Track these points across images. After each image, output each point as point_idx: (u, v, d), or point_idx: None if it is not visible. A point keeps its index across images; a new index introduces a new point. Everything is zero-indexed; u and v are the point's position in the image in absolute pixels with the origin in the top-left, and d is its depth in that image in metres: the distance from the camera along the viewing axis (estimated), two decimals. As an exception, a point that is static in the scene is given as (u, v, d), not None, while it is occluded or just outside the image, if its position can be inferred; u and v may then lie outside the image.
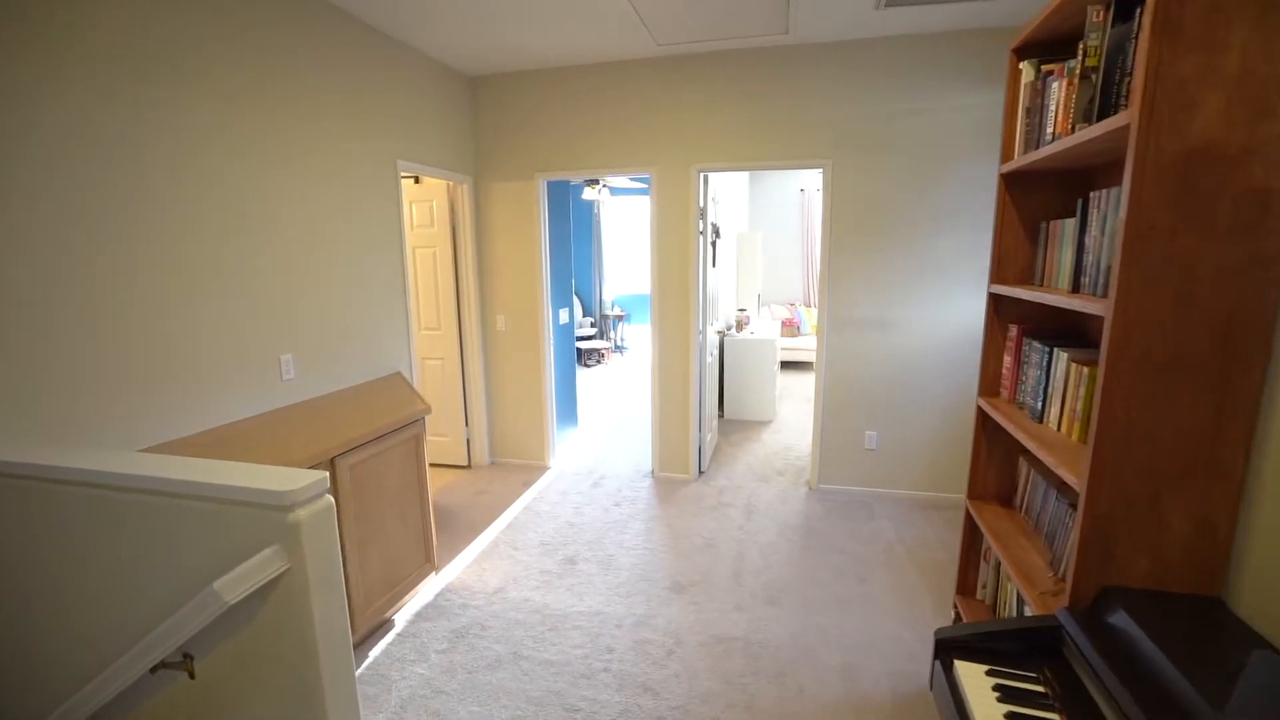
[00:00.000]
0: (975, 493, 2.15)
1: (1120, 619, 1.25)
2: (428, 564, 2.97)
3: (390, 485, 2.68)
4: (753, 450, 5.07)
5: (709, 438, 4.71)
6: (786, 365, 8.37)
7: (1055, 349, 1.71)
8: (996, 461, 2.12)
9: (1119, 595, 1.28)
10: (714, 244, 4.71)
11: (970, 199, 3.68)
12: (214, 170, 2.43)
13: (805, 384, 7.50)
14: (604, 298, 9.71)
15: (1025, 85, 1.83)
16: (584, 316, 9.63)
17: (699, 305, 4.22)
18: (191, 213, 2.33)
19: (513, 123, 4.32)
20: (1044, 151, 1.63)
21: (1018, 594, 1.88)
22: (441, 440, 4.74)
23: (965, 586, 2.23)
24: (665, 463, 4.47)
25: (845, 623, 2.77)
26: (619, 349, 9.74)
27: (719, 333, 5.39)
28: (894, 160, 3.75)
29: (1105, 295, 1.41)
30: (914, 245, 3.80)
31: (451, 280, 4.49)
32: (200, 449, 2.14)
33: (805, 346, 8.16)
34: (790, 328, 8.72)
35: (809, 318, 8.76)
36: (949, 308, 3.81)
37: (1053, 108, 1.62)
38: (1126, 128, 1.17)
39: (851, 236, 3.89)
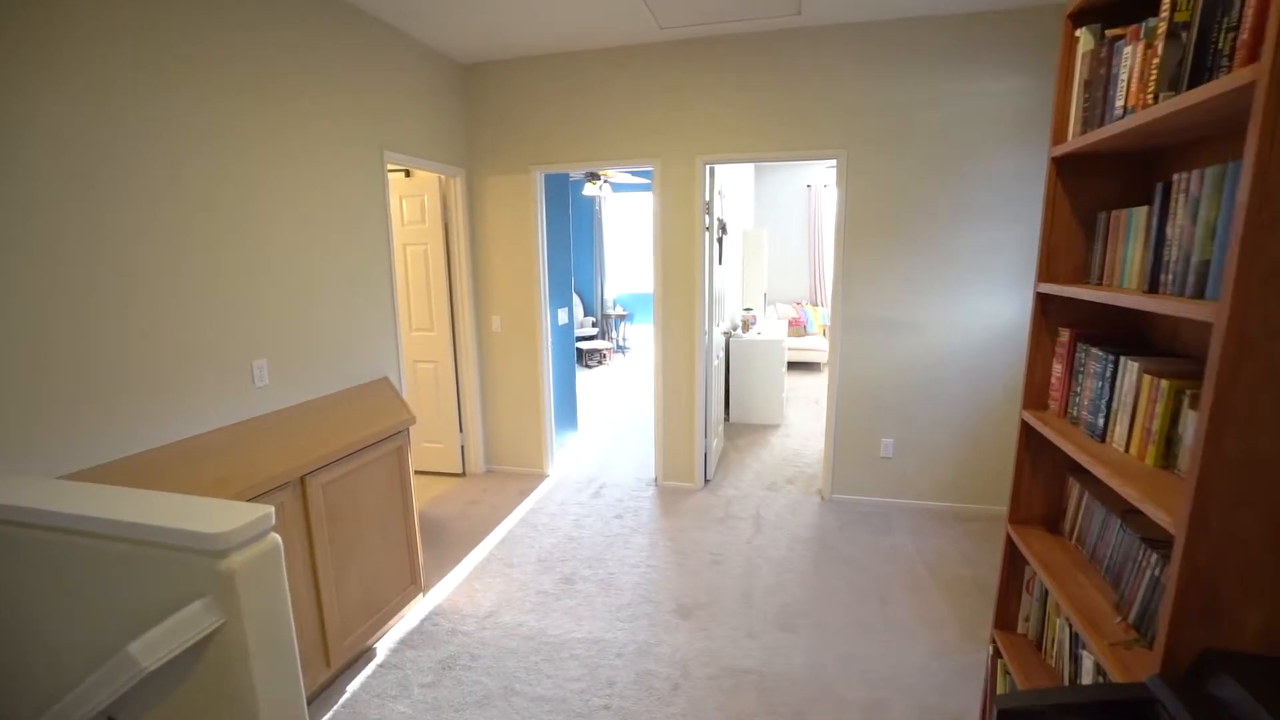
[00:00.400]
0: (1017, 516, 1.92)
1: (1230, 690, 1.02)
2: (413, 586, 2.75)
3: (370, 502, 2.46)
4: (760, 456, 4.85)
5: (715, 444, 4.48)
6: (793, 366, 8.13)
7: (1122, 358, 1.48)
8: (1042, 482, 1.89)
9: (1227, 660, 1.05)
10: (720, 241, 4.48)
11: (994, 192, 3.44)
12: (177, 159, 2.21)
13: (812, 385, 7.27)
14: (605, 297, 9.48)
15: (1084, 55, 1.59)
16: (585, 316, 9.41)
17: (704, 305, 3.99)
18: (150, 208, 2.11)
19: (508, 113, 4.10)
20: (1112, 129, 1.40)
21: (1070, 632, 1.65)
22: (434, 447, 4.52)
23: (1005, 618, 2.00)
24: (669, 471, 4.24)
25: (867, 651, 2.55)
26: (621, 349, 9.52)
27: (725, 334, 5.16)
28: (912, 151, 3.52)
29: (1197, 296, 1.19)
30: (933, 241, 3.57)
31: (444, 279, 4.26)
32: (152, 467, 1.92)
33: (812, 347, 7.93)
34: (796, 327, 8.48)
35: (816, 317, 8.52)
36: (970, 307, 3.58)
37: (1124, 78, 1.39)
38: (1248, 88, 0.94)
39: (867, 232, 3.66)
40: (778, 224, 8.76)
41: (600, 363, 8.80)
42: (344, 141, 3.08)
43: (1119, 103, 1.42)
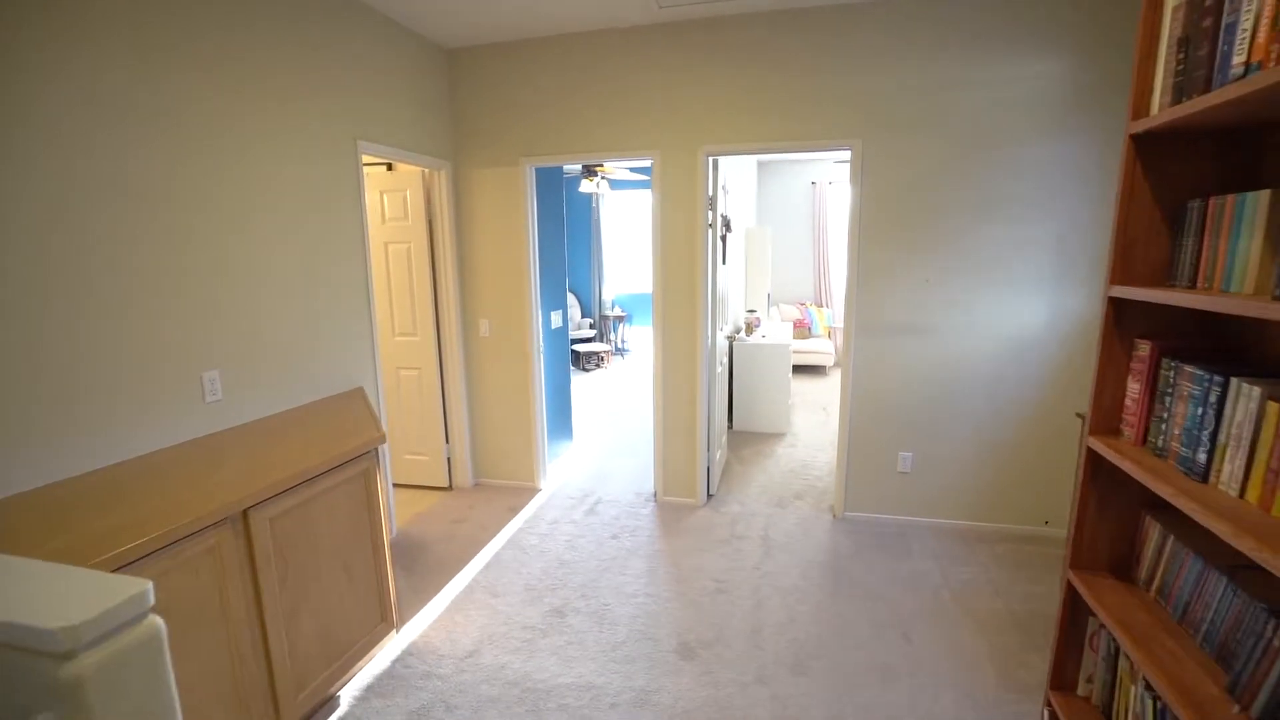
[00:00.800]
0: (1080, 560, 1.63)
1: None
2: (384, 624, 2.46)
3: (332, 534, 2.17)
4: (766, 468, 4.56)
5: (718, 456, 4.19)
6: (797, 369, 7.83)
7: (1235, 380, 1.19)
8: (1111, 520, 1.60)
9: None
10: (724, 239, 4.19)
11: (1024, 184, 3.15)
12: (121, 146, 1.92)
13: (818, 389, 6.98)
14: (604, 298, 9.19)
15: (1175, 8, 1.31)
16: (582, 318, 9.12)
17: (707, 308, 3.70)
18: (86, 201, 1.82)
19: (496, 101, 3.81)
20: (1225, 94, 1.11)
21: (1156, 706, 1.37)
22: (418, 460, 4.23)
23: (1062, 678, 1.71)
24: (669, 485, 3.95)
25: (892, 698, 2.26)
26: (620, 352, 9.23)
27: (728, 337, 4.87)
28: (934, 140, 3.23)
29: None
30: (956, 239, 3.28)
31: (428, 280, 3.97)
32: (56, 505, 1.63)
33: (817, 349, 7.64)
34: (801, 329, 8.19)
35: (821, 318, 8.23)
36: (996, 311, 3.29)
37: (1245, 26, 1.11)
38: None
39: (883, 228, 3.37)
40: (781, 222, 8.47)
41: (598, 366, 8.52)
42: (312, 129, 2.79)
43: (1237, 59, 1.13)
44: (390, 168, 3.99)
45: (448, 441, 4.21)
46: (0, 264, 1.66)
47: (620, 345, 9.31)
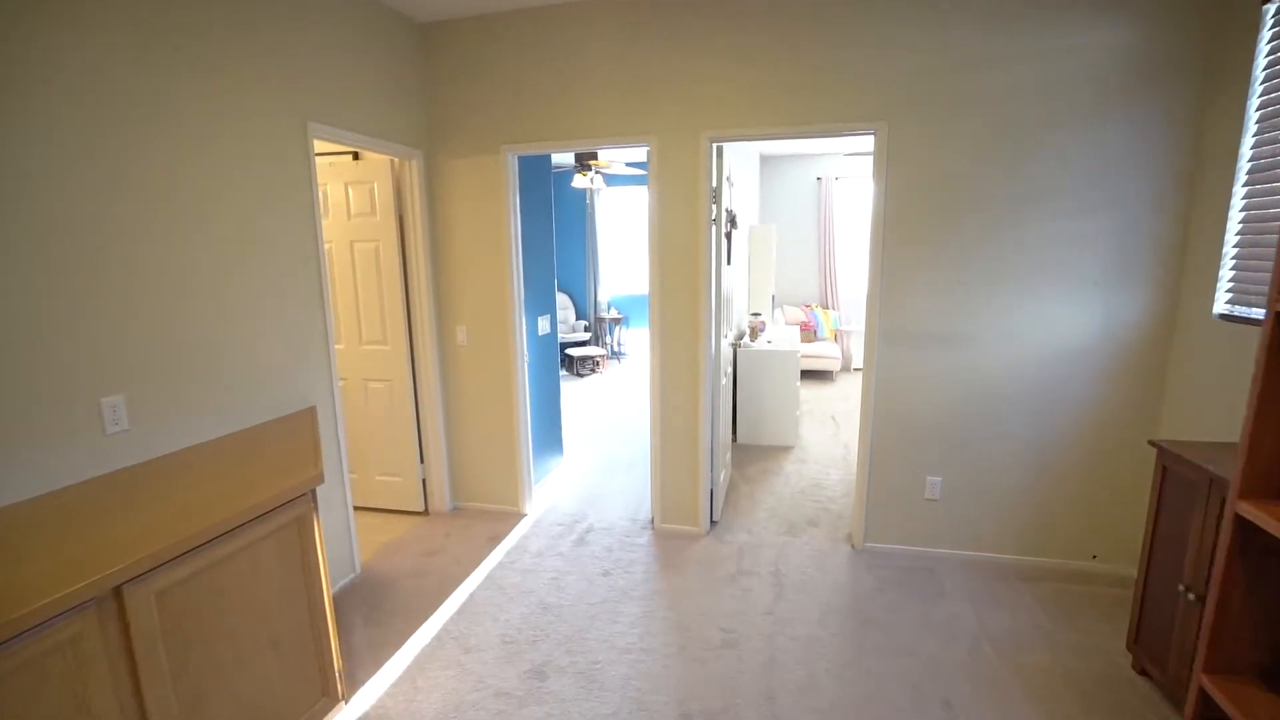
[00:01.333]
0: (1216, 663, 1.23)
1: None
2: (327, 698, 2.05)
3: (253, 600, 1.76)
4: (775, 488, 4.15)
5: (722, 477, 3.79)
6: (803, 375, 7.43)
7: None
8: (1258, 610, 1.21)
9: None
10: (729, 236, 3.79)
11: (1076, 173, 2.75)
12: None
13: (826, 397, 6.57)
14: (599, 299, 8.78)
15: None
16: (577, 320, 8.71)
17: (710, 313, 3.30)
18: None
19: (474, 81, 3.39)
20: None
21: None
22: (391, 482, 3.82)
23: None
24: (669, 511, 3.54)
25: (940, 795, 1.86)
26: (616, 355, 8.82)
27: (732, 344, 4.46)
28: (971, 122, 2.83)
29: None
30: (996, 235, 2.88)
31: (399, 282, 3.56)
32: None
33: (824, 353, 7.24)
34: (807, 331, 7.79)
35: (827, 321, 7.83)
36: (1041, 316, 2.89)
37: None
38: None
39: (912, 223, 2.97)
40: (784, 220, 8.07)
41: (593, 370, 8.11)
42: (250, 107, 2.37)
43: None
44: (357, 157, 3.58)
45: (422, 461, 3.80)
46: None
47: (617, 349, 8.90)
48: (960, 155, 2.86)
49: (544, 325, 4.18)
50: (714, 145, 3.16)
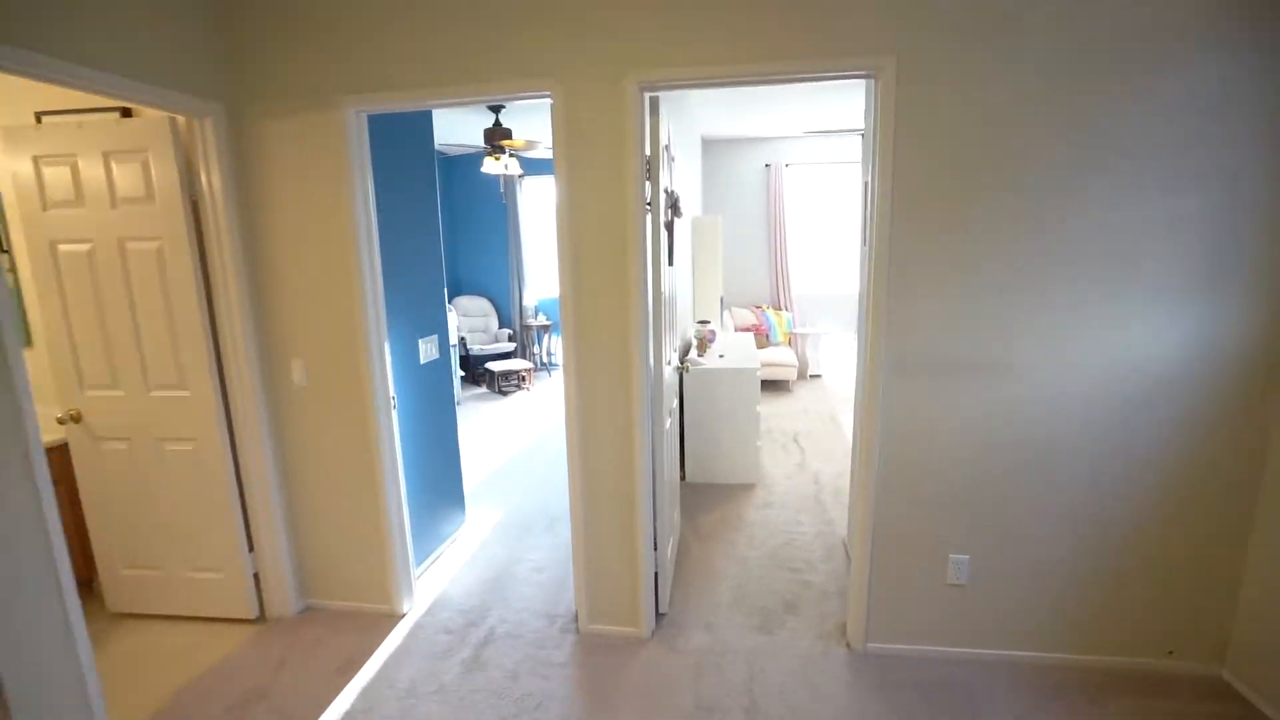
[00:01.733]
0: None
1: None
2: None
3: None
4: (737, 548, 3.24)
5: (670, 547, 2.85)
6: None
7: None
8: None
9: None
10: (670, 226, 2.84)
11: (1157, 132, 1.93)
12: None
13: (784, 412, 5.73)
14: (525, 304, 7.70)
15: None
16: (500, 328, 7.62)
17: (646, 329, 2.34)
18: None
19: (295, 4, 2.31)
20: None
21: None
22: (207, 579, 2.69)
23: None
24: (598, 607, 2.57)
25: None
26: (546, 368, 7.77)
27: (677, 368, 3.52)
28: (1013, 63, 1.97)
29: None
30: (1041, 222, 2.04)
31: (197, 298, 2.44)
32: None
33: (779, 360, 6.43)
34: (759, 336, 6.98)
35: (780, 324, 7.04)
36: (1106, 334, 2.07)
37: None
38: None
39: (927, 203, 2.09)
40: (730, 212, 7.23)
41: (519, 387, 7.04)
42: None
43: None
44: (127, 114, 2.45)
45: (252, 550, 2.69)
46: None
47: (546, 360, 7.86)
48: (999, 104, 2.00)
49: (428, 350, 3.12)
50: (646, 95, 2.20)
